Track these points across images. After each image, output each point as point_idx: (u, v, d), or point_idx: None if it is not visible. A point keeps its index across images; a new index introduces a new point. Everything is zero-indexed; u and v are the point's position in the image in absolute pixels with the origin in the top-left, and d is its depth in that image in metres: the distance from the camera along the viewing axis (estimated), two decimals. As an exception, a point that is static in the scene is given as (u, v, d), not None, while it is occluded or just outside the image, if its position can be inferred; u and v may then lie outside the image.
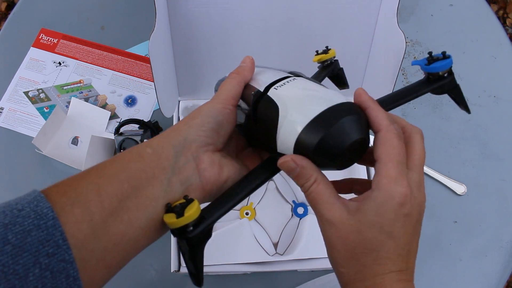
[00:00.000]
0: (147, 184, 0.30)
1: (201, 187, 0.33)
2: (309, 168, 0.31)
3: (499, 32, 0.82)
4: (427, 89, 0.37)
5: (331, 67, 0.45)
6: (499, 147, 0.73)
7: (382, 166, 0.30)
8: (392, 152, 0.30)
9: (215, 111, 0.33)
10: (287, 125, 0.30)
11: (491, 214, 0.69)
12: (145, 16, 0.79)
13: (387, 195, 0.29)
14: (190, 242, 0.30)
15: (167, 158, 0.31)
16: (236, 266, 0.55)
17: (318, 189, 0.30)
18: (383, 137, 0.30)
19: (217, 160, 0.33)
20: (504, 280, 0.66)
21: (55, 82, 0.76)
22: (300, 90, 0.32)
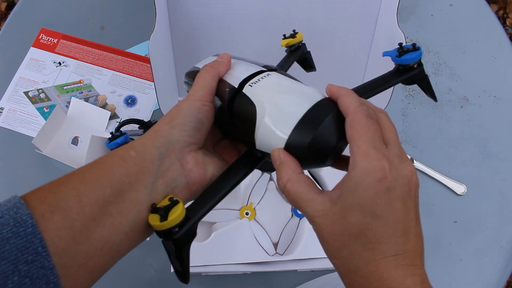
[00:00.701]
0: (131, 188, 0.30)
1: (187, 188, 0.32)
2: (288, 165, 0.30)
3: (499, 32, 0.82)
4: (398, 80, 0.37)
5: (298, 51, 0.45)
6: (499, 147, 0.73)
7: (354, 145, 0.28)
8: (361, 130, 0.28)
9: (195, 109, 0.33)
10: (267, 126, 0.30)
11: (491, 214, 0.69)
12: (145, 16, 0.79)
13: (362, 172, 0.27)
14: (176, 243, 0.30)
15: (151, 161, 0.31)
16: (236, 266, 0.55)
17: (295, 187, 0.30)
18: (352, 118, 0.29)
19: (200, 159, 0.33)
20: (504, 280, 0.66)
21: (55, 82, 0.76)
22: (276, 87, 0.32)
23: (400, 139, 0.73)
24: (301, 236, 0.57)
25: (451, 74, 0.79)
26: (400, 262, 0.27)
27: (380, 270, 0.27)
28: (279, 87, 0.32)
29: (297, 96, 0.31)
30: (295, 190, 0.30)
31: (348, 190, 0.27)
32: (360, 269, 0.27)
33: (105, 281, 0.67)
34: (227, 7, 0.57)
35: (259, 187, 0.62)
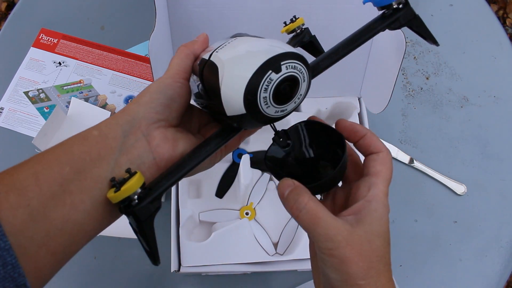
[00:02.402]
0: (92, 166, 0.29)
1: (155, 164, 0.32)
2: (304, 189, 0.31)
3: (499, 32, 0.82)
4: (383, 25, 0.35)
5: (301, 35, 0.43)
6: (499, 147, 0.73)
7: (380, 182, 0.32)
8: (389, 173, 0.33)
9: (164, 86, 0.33)
10: (227, 82, 0.29)
11: (491, 214, 0.69)
12: (145, 16, 0.79)
13: (384, 208, 0.31)
14: (136, 216, 0.29)
15: (114, 138, 0.30)
16: (236, 266, 0.55)
17: (316, 207, 0.30)
18: (384, 158, 0.33)
19: (170, 135, 0.32)
20: (504, 280, 0.66)
21: (55, 82, 0.76)
22: (239, 46, 0.31)
23: (400, 139, 0.73)
24: (301, 236, 0.57)
25: (451, 74, 0.79)
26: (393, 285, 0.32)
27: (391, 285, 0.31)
28: (240, 44, 0.31)
29: (257, 50, 0.29)
30: (317, 209, 0.30)
31: (373, 219, 0.31)
32: (384, 286, 0.30)
33: (105, 281, 0.67)
34: (227, 7, 0.57)
35: (259, 187, 0.62)
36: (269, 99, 0.29)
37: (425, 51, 0.80)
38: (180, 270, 0.54)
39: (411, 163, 0.71)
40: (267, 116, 0.30)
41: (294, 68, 0.29)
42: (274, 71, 0.28)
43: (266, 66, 0.28)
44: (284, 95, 0.30)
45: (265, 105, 0.29)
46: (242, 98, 0.28)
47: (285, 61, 0.28)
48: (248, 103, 0.28)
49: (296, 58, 0.29)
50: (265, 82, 0.28)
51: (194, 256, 0.55)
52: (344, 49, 0.35)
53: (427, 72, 0.79)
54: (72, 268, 0.63)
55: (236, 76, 0.29)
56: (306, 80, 0.31)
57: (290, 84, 0.29)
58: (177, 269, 0.54)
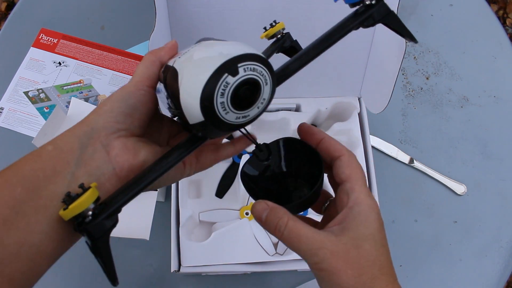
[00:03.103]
0: (47, 182, 0.27)
1: (115, 175, 0.30)
2: (280, 208, 0.31)
3: (499, 32, 0.82)
4: (356, 23, 0.34)
5: (281, 40, 0.41)
6: (499, 147, 0.73)
7: (356, 185, 0.32)
8: (359, 172, 0.33)
9: (125, 94, 0.31)
10: (185, 88, 0.27)
11: (491, 214, 0.69)
12: (145, 16, 0.79)
13: (368, 208, 0.31)
14: (90, 233, 0.27)
15: (70, 151, 0.29)
16: (236, 266, 0.55)
17: (296, 224, 0.30)
18: (348, 160, 0.33)
19: (131, 144, 0.31)
20: (504, 280, 0.66)
21: (55, 82, 0.76)
22: (199, 51, 0.29)
23: (400, 139, 0.73)
24: (301, 236, 0.57)
25: (451, 74, 0.79)
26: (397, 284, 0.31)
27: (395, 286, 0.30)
28: (201, 49, 0.29)
29: (216, 52, 0.27)
30: (298, 227, 0.30)
31: (357, 223, 0.30)
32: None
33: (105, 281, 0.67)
34: (227, 7, 0.57)
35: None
36: (227, 104, 0.27)
37: (425, 51, 0.80)
38: (180, 270, 0.54)
39: (411, 163, 0.71)
40: (227, 123, 0.28)
41: (254, 71, 0.27)
42: (230, 74, 0.26)
43: (222, 69, 0.26)
44: (244, 100, 0.27)
45: (224, 111, 0.27)
46: (199, 105, 0.26)
47: (242, 63, 0.26)
48: (205, 110, 0.27)
49: (256, 59, 0.27)
50: (221, 86, 0.26)
51: (194, 256, 0.55)
52: (315, 50, 0.33)
53: (427, 72, 0.79)
54: (72, 268, 0.63)
55: (193, 81, 0.27)
56: (269, 83, 0.28)
57: (250, 88, 0.27)
58: (177, 269, 0.54)
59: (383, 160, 0.71)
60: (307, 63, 0.33)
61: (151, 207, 0.56)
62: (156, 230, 0.56)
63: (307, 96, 0.64)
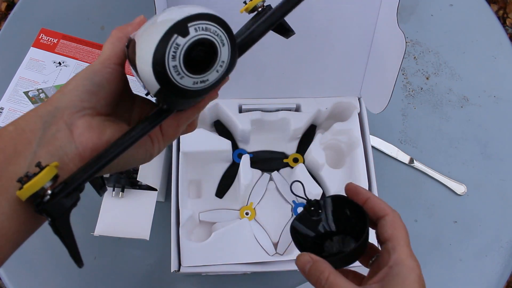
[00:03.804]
0: (7, 163, 0.27)
1: (78, 155, 0.29)
2: (323, 262, 0.33)
3: (499, 32, 0.82)
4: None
5: (262, 14, 0.37)
6: (499, 147, 0.73)
7: (398, 245, 0.33)
8: (403, 232, 0.34)
9: (91, 72, 0.30)
10: (140, 56, 0.26)
11: (491, 214, 0.69)
12: (145, 16, 0.79)
13: (409, 269, 0.32)
14: (49, 213, 0.26)
15: (32, 131, 0.28)
16: (236, 266, 0.55)
17: (337, 280, 0.31)
18: (392, 220, 0.35)
19: (95, 123, 0.30)
20: (504, 280, 0.66)
21: (55, 82, 0.76)
22: (155, 17, 0.28)
23: (400, 139, 0.73)
24: (301, 236, 0.57)
25: (451, 74, 0.79)
26: None
27: None
28: (157, 16, 0.28)
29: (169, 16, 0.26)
30: (338, 282, 0.31)
31: (396, 283, 0.31)
32: None
33: (105, 281, 0.67)
34: (227, 7, 0.57)
35: (259, 187, 0.62)
36: (180, 67, 0.25)
37: (425, 51, 0.80)
38: (180, 270, 0.54)
39: (411, 163, 0.71)
40: (185, 89, 0.26)
41: (206, 30, 0.25)
42: (180, 35, 0.25)
43: (171, 30, 0.25)
44: (200, 63, 0.26)
45: (178, 76, 0.25)
46: (151, 70, 0.25)
47: (193, 22, 0.25)
48: (159, 75, 0.25)
49: (209, 19, 0.26)
50: (172, 49, 0.25)
51: (194, 256, 0.55)
52: (281, 9, 0.32)
53: (427, 72, 0.79)
54: (72, 268, 0.63)
55: (145, 47, 0.26)
56: (227, 44, 0.27)
57: (205, 49, 0.26)
58: (177, 269, 0.54)
59: (383, 160, 0.71)
60: (274, 25, 0.32)
61: (151, 207, 0.56)
62: (156, 230, 0.56)
63: (307, 96, 0.64)
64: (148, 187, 0.57)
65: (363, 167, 0.61)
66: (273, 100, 0.64)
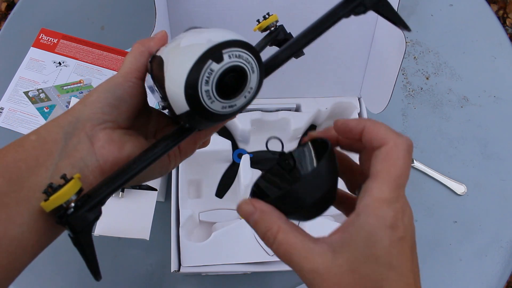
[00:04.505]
0: (29, 173, 0.27)
1: (99, 167, 0.29)
2: (271, 213, 0.26)
3: (499, 32, 0.82)
4: (347, 10, 0.32)
5: (275, 33, 0.39)
6: (499, 147, 0.73)
7: (376, 186, 0.25)
8: (396, 168, 0.25)
9: (113, 85, 0.30)
10: (170, 76, 0.27)
11: (491, 214, 0.69)
12: (145, 16, 0.79)
13: (377, 220, 0.24)
14: (72, 226, 0.26)
15: (54, 141, 0.28)
16: (236, 266, 0.55)
17: (287, 238, 0.25)
18: (388, 152, 0.25)
19: (116, 137, 0.30)
20: (504, 280, 0.66)
21: (55, 82, 0.76)
22: (185, 38, 0.28)
23: (400, 139, 0.73)
24: (301, 236, 0.57)
25: (451, 74, 0.79)
26: None
27: None
28: (187, 36, 0.28)
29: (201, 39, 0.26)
30: (288, 241, 0.25)
31: (358, 239, 0.24)
32: None
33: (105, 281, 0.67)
34: (227, 7, 0.57)
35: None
36: (212, 92, 0.26)
37: (425, 51, 0.80)
38: (180, 270, 0.54)
39: (411, 163, 0.71)
40: (213, 113, 0.27)
41: (239, 57, 0.26)
42: (214, 61, 0.25)
43: (206, 55, 0.25)
44: (230, 89, 0.26)
45: (209, 100, 0.26)
46: (183, 93, 0.26)
47: (227, 49, 0.25)
48: (190, 98, 0.26)
49: (242, 46, 0.26)
50: (206, 74, 0.25)
51: (194, 256, 0.55)
52: (305, 38, 0.32)
53: (427, 72, 0.79)
54: (72, 268, 0.63)
55: (177, 69, 0.26)
56: (256, 71, 0.27)
57: (236, 75, 0.26)
58: (177, 269, 0.54)
59: (383, 160, 0.71)
60: (297, 52, 0.32)
61: (151, 207, 0.56)
62: (156, 230, 0.56)
63: (307, 96, 0.64)
64: (148, 187, 0.57)
65: (363, 167, 0.61)
66: (273, 100, 0.64)
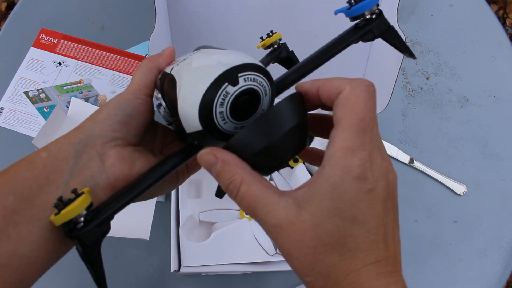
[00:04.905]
0: (41, 192, 0.27)
1: (110, 185, 0.29)
2: (233, 163, 0.25)
3: (499, 32, 0.82)
4: (356, 37, 0.32)
5: (278, 51, 0.40)
6: (499, 147, 0.73)
7: (339, 134, 0.23)
8: (354, 115, 0.23)
9: (123, 102, 0.30)
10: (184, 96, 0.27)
11: (491, 214, 0.69)
12: (145, 16, 0.79)
13: (342, 171, 0.23)
14: (81, 240, 0.26)
15: (65, 159, 0.28)
16: (236, 266, 0.55)
17: (251, 191, 0.24)
18: (346, 97, 0.24)
19: (127, 154, 0.30)
20: (504, 280, 0.66)
21: (55, 82, 0.76)
22: (199, 59, 0.28)
23: (400, 139, 0.73)
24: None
25: (451, 74, 0.79)
26: (381, 269, 0.23)
27: (362, 280, 0.23)
28: (200, 57, 0.29)
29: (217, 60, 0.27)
30: (252, 193, 0.24)
31: (322, 192, 0.23)
32: (338, 282, 0.23)
33: (105, 281, 0.66)
34: (227, 7, 0.57)
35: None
36: (226, 114, 0.26)
37: (425, 51, 0.80)
38: (180, 270, 0.54)
39: (411, 163, 0.71)
40: (225, 133, 0.27)
41: (254, 81, 0.26)
42: (230, 84, 0.26)
43: (222, 78, 0.25)
44: (243, 110, 0.27)
45: (223, 121, 0.26)
46: (197, 113, 0.26)
47: (243, 72, 0.26)
48: (204, 119, 0.26)
49: (256, 70, 0.26)
50: (221, 96, 0.26)
51: (194, 256, 0.55)
52: (314, 62, 0.32)
53: (427, 72, 0.79)
54: (72, 268, 0.63)
55: (192, 89, 0.26)
56: (269, 94, 0.28)
57: (250, 98, 0.27)
58: (177, 269, 0.54)
59: (383, 160, 0.71)
60: (305, 75, 0.33)
61: (151, 207, 0.56)
62: (156, 230, 0.56)
63: (307, 96, 0.64)
64: (148, 187, 0.57)
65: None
66: (273, 100, 0.64)
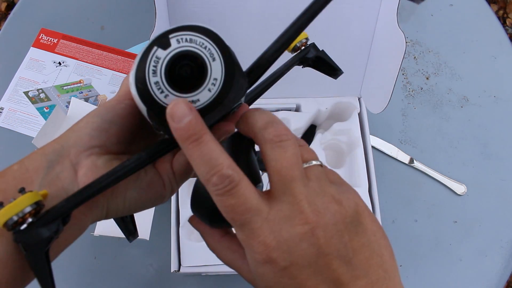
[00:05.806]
0: None
1: None
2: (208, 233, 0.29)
3: (499, 32, 0.82)
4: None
5: (304, 51, 0.36)
6: (499, 147, 0.73)
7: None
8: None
9: (103, 109, 0.28)
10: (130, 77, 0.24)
11: (491, 214, 0.69)
12: (145, 16, 0.79)
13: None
14: (24, 244, 0.24)
15: (35, 170, 0.26)
16: (236, 266, 0.55)
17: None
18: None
19: (102, 163, 0.28)
20: (504, 280, 0.66)
21: (55, 82, 0.76)
22: None
23: (400, 139, 0.73)
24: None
25: (451, 74, 0.79)
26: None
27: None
28: None
29: None
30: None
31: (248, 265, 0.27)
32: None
33: (105, 281, 0.67)
34: (227, 7, 0.57)
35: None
36: (163, 84, 0.22)
37: (425, 51, 0.80)
38: (180, 270, 0.54)
39: (411, 163, 0.71)
40: None
41: (191, 42, 0.22)
42: (160, 47, 0.22)
43: (152, 43, 0.22)
44: (187, 80, 0.23)
45: (162, 94, 0.23)
46: (135, 90, 0.23)
47: (175, 33, 0.22)
48: (141, 93, 0.23)
49: (194, 29, 0.22)
50: (152, 62, 0.22)
51: (194, 256, 0.55)
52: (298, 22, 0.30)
53: (427, 72, 0.79)
54: (72, 268, 0.63)
55: (131, 69, 0.24)
56: (219, 59, 0.23)
57: (191, 64, 0.23)
58: (177, 269, 0.54)
59: (383, 160, 0.71)
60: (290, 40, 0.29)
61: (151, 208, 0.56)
62: (156, 230, 0.56)
63: (307, 96, 0.64)
64: (148, 187, 0.57)
65: (363, 167, 0.61)
66: (273, 100, 0.64)
